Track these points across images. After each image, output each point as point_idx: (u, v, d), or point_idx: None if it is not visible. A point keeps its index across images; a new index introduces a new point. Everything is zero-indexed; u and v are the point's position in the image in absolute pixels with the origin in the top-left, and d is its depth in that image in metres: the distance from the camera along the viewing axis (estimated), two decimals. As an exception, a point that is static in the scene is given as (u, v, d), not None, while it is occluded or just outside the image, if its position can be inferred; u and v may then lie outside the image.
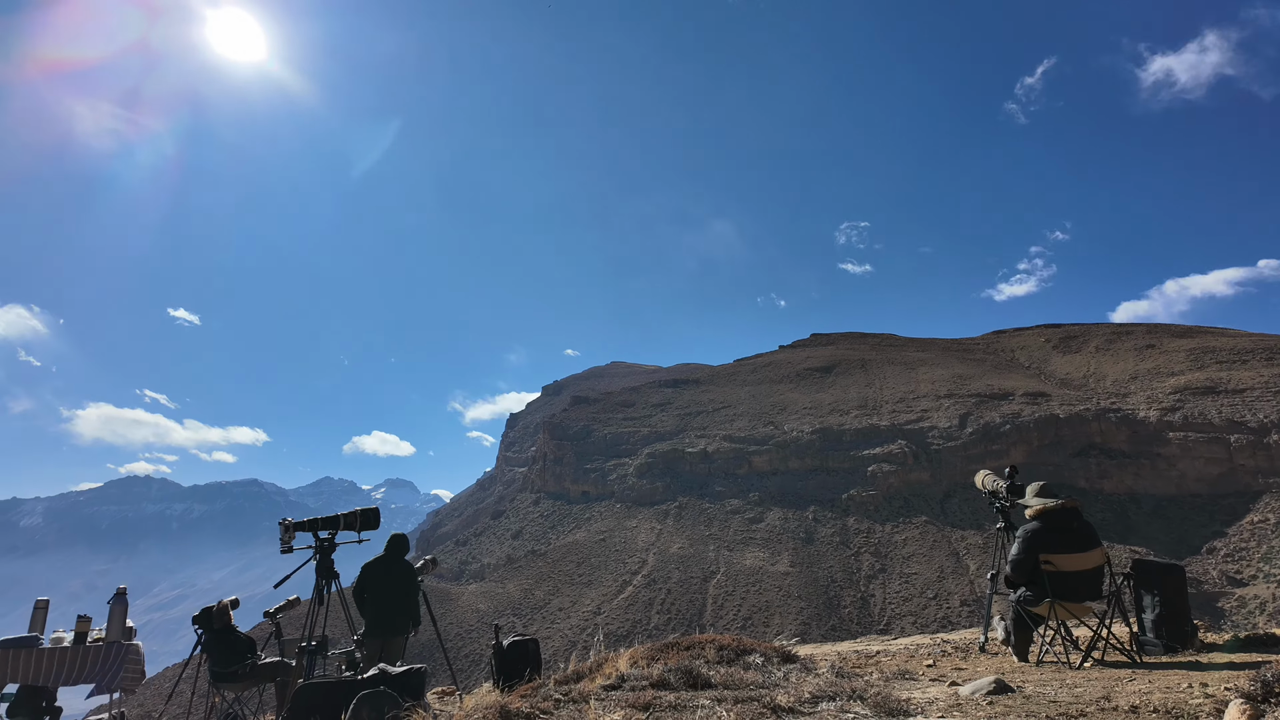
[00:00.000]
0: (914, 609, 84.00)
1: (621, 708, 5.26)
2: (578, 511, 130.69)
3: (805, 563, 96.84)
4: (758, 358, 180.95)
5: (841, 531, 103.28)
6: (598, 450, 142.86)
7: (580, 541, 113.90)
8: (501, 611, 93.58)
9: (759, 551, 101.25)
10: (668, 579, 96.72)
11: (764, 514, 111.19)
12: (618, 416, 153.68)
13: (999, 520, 10.14)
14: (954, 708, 5.73)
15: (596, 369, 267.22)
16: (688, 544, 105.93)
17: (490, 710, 5.14)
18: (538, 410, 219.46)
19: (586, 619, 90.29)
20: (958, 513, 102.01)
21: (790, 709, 5.37)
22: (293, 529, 8.41)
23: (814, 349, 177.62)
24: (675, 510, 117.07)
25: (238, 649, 10.44)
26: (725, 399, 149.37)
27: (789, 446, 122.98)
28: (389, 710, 5.75)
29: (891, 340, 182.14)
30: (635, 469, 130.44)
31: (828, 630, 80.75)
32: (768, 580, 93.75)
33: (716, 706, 5.28)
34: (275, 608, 11.58)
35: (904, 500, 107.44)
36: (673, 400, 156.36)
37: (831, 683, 6.25)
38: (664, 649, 8.20)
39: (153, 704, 53.20)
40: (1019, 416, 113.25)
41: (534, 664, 9.61)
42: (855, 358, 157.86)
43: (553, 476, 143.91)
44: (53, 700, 10.06)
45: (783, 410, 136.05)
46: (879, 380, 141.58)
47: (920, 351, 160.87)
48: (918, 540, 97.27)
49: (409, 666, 6.89)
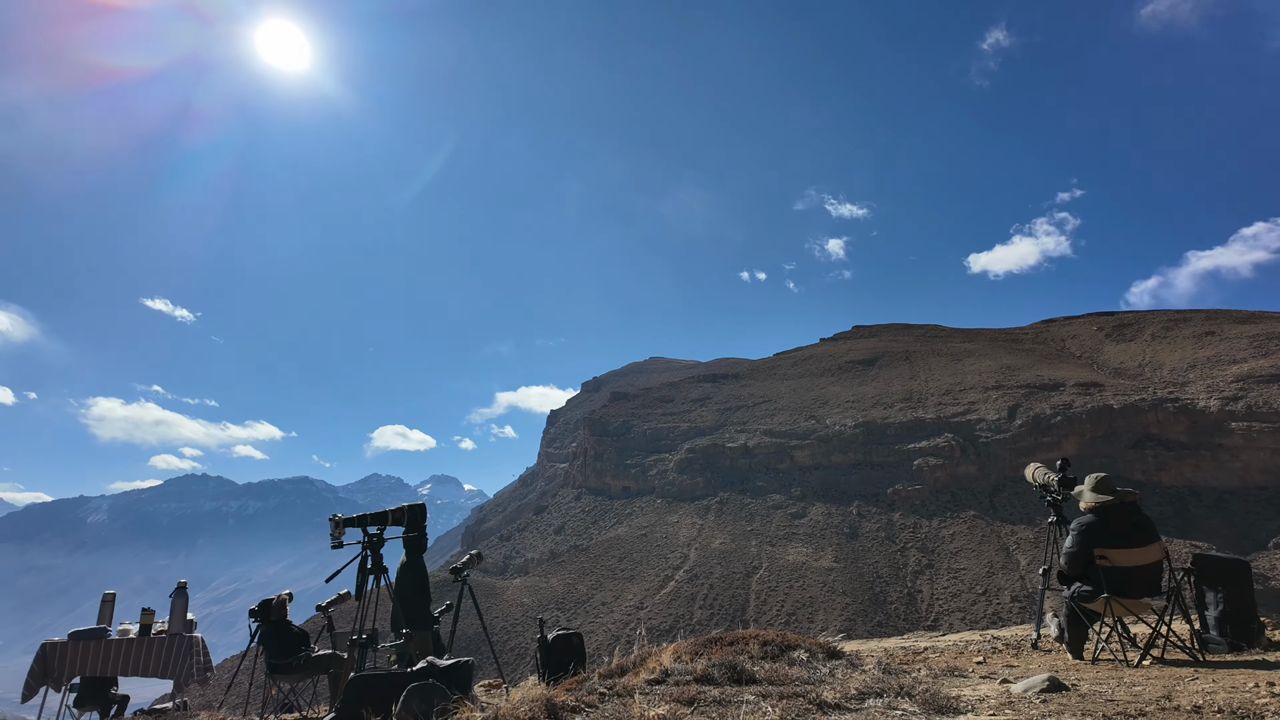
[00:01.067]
0: (963, 605, 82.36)
1: (666, 702, 5.28)
2: (619, 507, 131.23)
3: (850, 558, 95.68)
4: (798, 351, 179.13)
5: (887, 526, 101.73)
6: (638, 446, 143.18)
7: (622, 537, 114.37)
8: (545, 606, 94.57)
9: (802, 547, 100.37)
10: (710, 574, 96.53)
11: (807, 509, 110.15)
12: (657, 412, 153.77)
13: (1051, 514, 9.87)
14: (1006, 705, 5.60)
15: (635, 365, 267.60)
16: (729, 539, 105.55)
17: (536, 703, 5.20)
18: (577, 407, 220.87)
19: (629, 614, 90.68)
20: (1007, 507, 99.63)
21: (836, 705, 5.31)
22: (343, 525, 8.62)
23: (856, 341, 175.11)
24: (716, 505, 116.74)
25: (293, 641, 10.75)
26: (765, 393, 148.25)
27: (831, 441, 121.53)
28: (438, 702, 5.85)
29: (936, 331, 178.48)
30: (675, 464, 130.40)
31: (873, 626, 79.70)
32: (811, 576, 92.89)
33: (761, 702, 5.26)
34: (327, 602, 11.89)
35: (951, 494, 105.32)
36: (712, 395, 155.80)
37: (878, 679, 6.17)
38: (707, 644, 8.19)
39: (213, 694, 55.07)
40: (1070, 407, 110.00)
41: (578, 658, 9.69)
42: (899, 349, 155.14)
43: (593, 472, 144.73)
44: (116, 689, 10.52)
45: (824, 404, 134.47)
46: (924, 372, 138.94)
47: (966, 342, 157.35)
48: (966, 535, 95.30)
49: (456, 660, 7.01)
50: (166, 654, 8.62)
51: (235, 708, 14.39)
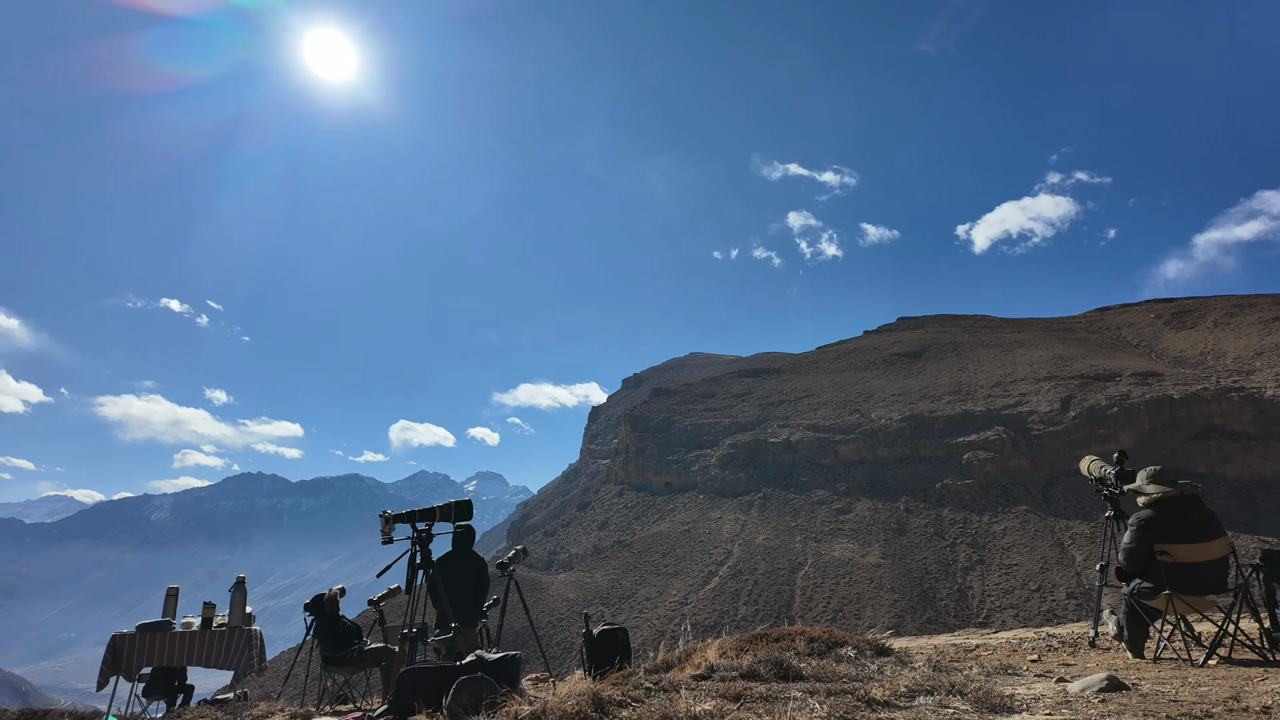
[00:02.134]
0: (1015, 602, 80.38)
1: (712, 698, 5.27)
2: (661, 503, 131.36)
3: (897, 554, 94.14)
4: (841, 344, 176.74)
5: (935, 522, 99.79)
6: (679, 442, 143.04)
7: (665, 532, 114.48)
8: (590, 600, 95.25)
9: (848, 543, 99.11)
10: (754, 570, 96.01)
11: (852, 504, 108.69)
12: (698, 408, 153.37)
13: (1107, 508, 9.55)
14: (1063, 704, 5.45)
15: (675, 360, 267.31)
16: (773, 535, 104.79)
17: (583, 697, 5.24)
18: (618, 403, 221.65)
19: (673, 609, 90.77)
20: (1061, 501, 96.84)
21: (885, 702, 5.24)
22: (392, 521, 8.79)
23: (901, 333, 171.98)
24: (759, 501, 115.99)
25: (346, 635, 11.04)
26: (808, 387, 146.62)
27: (877, 435, 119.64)
28: (487, 695, 5.95)
29: (985, 321, 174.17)
30: (717, 460, 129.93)
31: (923, 623, 78.32)
32: (858, 572, 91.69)
33: (809, 699, 5.22)
34: (378, 596, 12.18)
35: (1002, 489, 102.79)
36: (753, 390, 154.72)
37: (929, 676, 6.07)
38: (753, 640, 8.15)
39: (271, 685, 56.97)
40: (1128, 398, 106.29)
41: (624, 653, 9.74)
42: (946, 341, 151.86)
43: (635, 468, 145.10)
44: (184, 680, 10.96)
45: (869, 398, 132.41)
46: (972, 364, 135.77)
47: (1016, 332, 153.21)
48: (1018, 530, 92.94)
49: (504, 653, 7.11)
50: (227, 646, 8.93)
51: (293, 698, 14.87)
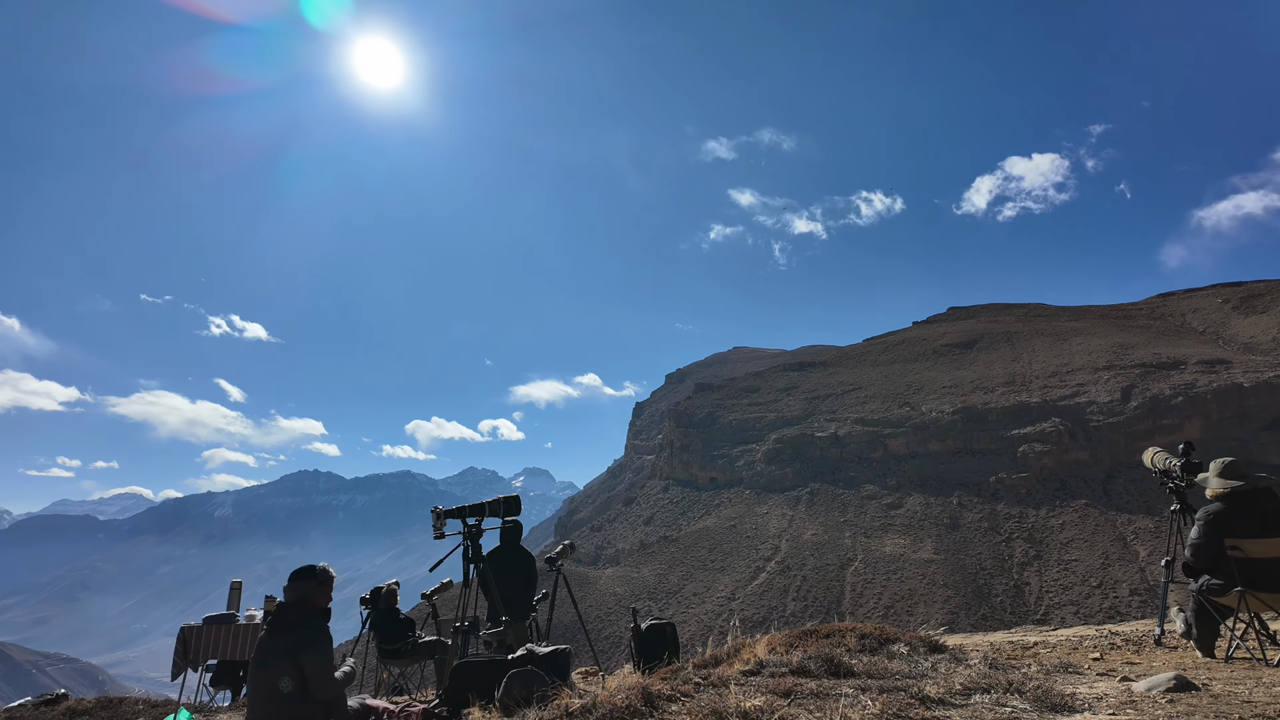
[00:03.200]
0: (1075, 598, 77.95)
1: (762, 694, 5.25)
2: (707, 498, 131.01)
3: (951, 549, 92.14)
4: (889, 335, 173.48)
5: (990, 516, 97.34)
6: (724, 437, 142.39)
7: (711, 528, 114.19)
8: (637, 595, 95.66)
9: (899, 538, 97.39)
10: (802, 566, 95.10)
11: (903, 499, 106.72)
12: (742, 402, 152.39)
13: (1173, 502, 9.17)
14: (1127, 704, 5.26)
15: (718, 355, 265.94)
16: (822, 530, 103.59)
17: (633, 691, 5.27)
18: (662, 398, 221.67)
19: (721, 604, 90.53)
20: (1123, 495, 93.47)
21: (940, 700, 5.14)
22: (443, 516, 8.98)
23: (952, 323, 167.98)
24: (807, 496, 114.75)
25: (400, 628, 11.32)
26: (855, 380, 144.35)
27: (928, 428, 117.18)
28: (537, 688, 6.04)
29: (1040, 310, 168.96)
30: (763, 455, 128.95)
31: (978, 620, 76.54)
32: (910, 568, 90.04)
33: (860, 695, 5.15)
34: (431, 590, 12.45)
35: (1060, 482, 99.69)
36: (799, 384, 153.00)
37: (985, 674, 5.93)
38: (802, 636, 8.08)
39: (331, 676, 58.74)
40: (1193, 387, 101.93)
41: (672, 647, 9.75)
42: (999, 330, 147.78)
43: (680, 463, 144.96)
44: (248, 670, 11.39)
45: (919, 390, 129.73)
46: (1027, 354, 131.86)
47: (1073, 320, 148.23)
48: (1077, 525, 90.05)
49: (555, 647, 7.20)
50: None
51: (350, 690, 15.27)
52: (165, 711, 8.81)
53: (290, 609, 6.06)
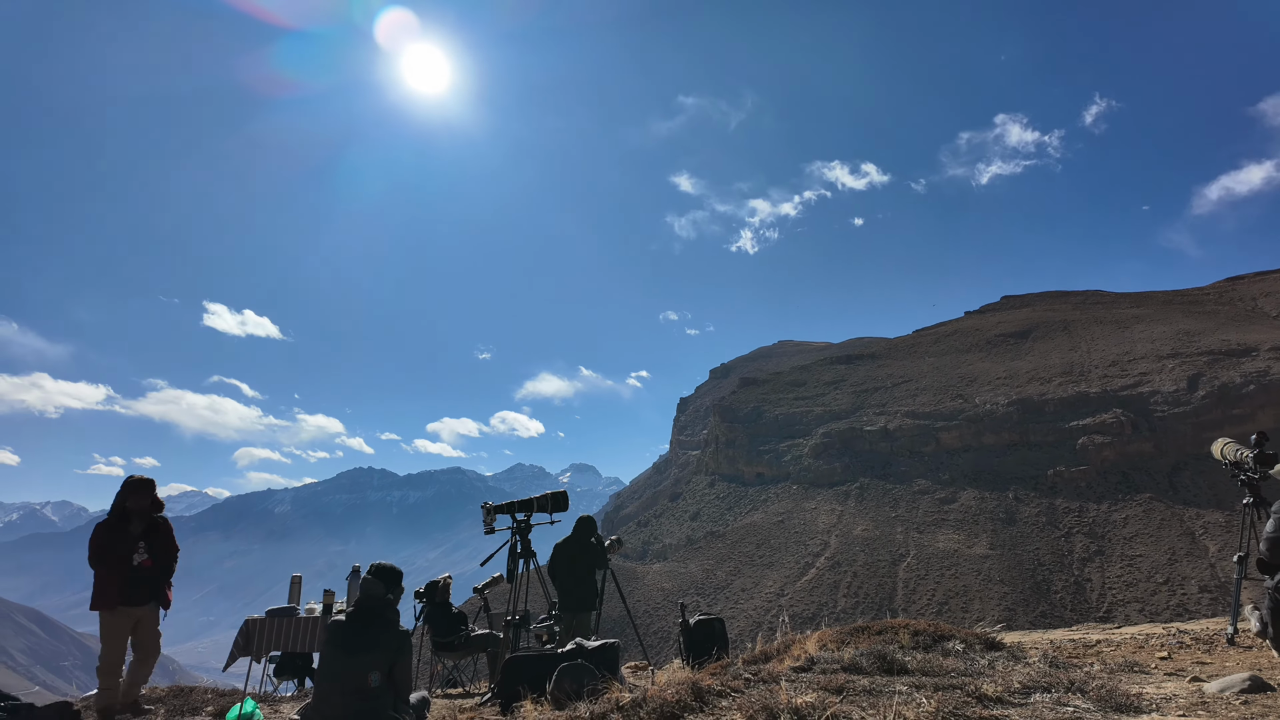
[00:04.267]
0: (1140, 595, 75.18)
1: (813, 690, 5.20)
2: (753, 493, 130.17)
3: (1007, 545, 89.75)
4: (940, 326, 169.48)
5: (1048, 511, 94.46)
6: (770, 431, 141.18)
7: (758, 523, 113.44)
8: (685, 590, 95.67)
9: (953, 534, 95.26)
10: (853, 562, 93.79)
11: (957, 494, 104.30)
12: (788, 396, 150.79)
13: (1245, 495, 8.76)
14: (1198, 705, 5.06)
15: (763, 349, 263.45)
16: (872, 526, 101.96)
17: (683, 686, 5.28)
18: (707, 394, 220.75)
19: (770, 600, 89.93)
20: (1190, 487, 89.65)
21: (998, 699, 5.02)
22: (493, 512, 9.14)
23: (1005, 313, 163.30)
24: (856, 491, 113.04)
25: (453, 621, 11.54)
26: (905, 372, 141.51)
27: (982, 421, 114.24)
28: (588, 682, 6.10)
29: (1098, 297, 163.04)
30: (810, 449, 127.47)
31: (1036, 617, 74.43)
32: (965, 563, 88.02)
33: (915, 693, 5.06)
34: (482, 584, 12.66)
35: (1122, 475, 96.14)
36: (846, 377, 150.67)
37: (1045, 673, 5.77)
38: (853, 633, 7.98)
39: (387, 668, 60.34)
40: (1267, 375, 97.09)
41: (721, 643, 9.75)
42: (1055, 319, 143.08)
43: (726, 459, 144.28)
44: (310, 663, 11.78)
45: (972, 382, 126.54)
46: (1085, 342, 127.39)
47: (1134, 307, 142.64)
48: (1141, 519, 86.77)
49: (603, 641, 7.27)
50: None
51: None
52: (232, 700, 9.17)
53: (386, 606, 6.22)
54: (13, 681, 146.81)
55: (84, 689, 12.97)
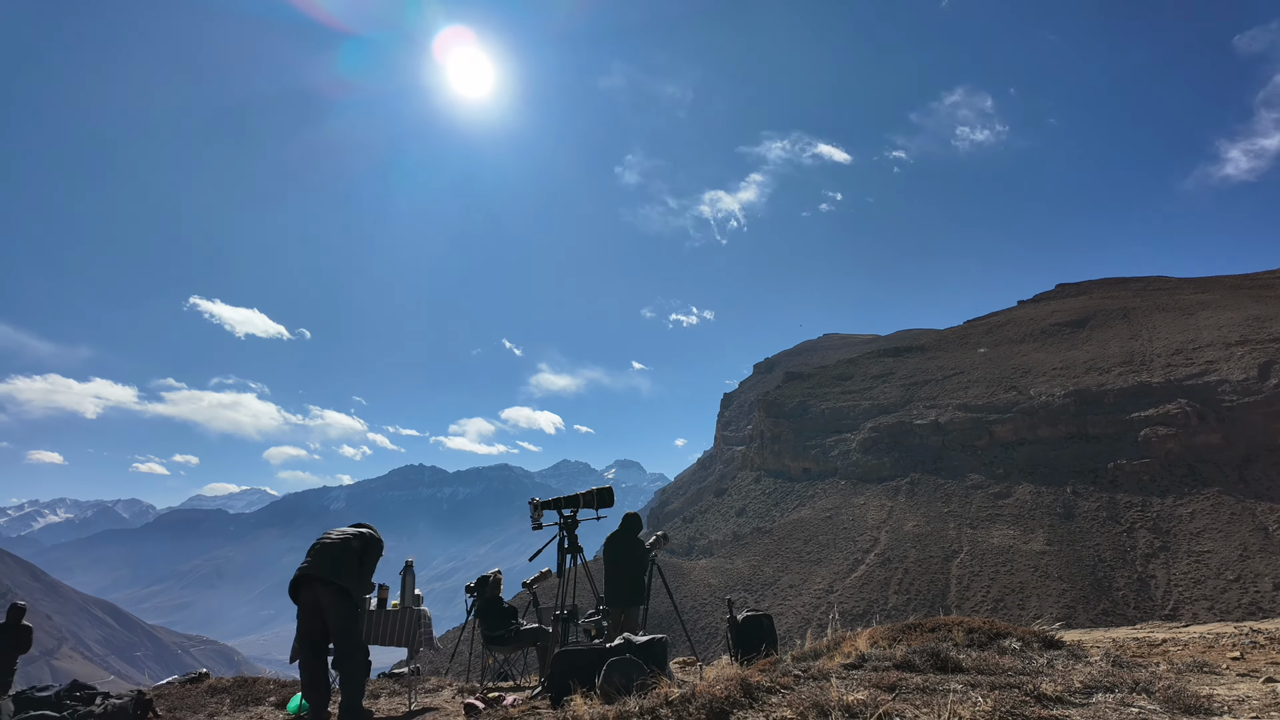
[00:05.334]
0: (1209, 593, 72.12)
1: (865, 688, 5.14)
2: (800, 489, 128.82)
3: (1065, 540, 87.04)
4: (992, 317, 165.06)
5: (1109, 505, 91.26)
6: (816, 426, 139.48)
7: (806, 519, 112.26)
8: (732, 586, 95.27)
9: (1008, 529, 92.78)
10: (904, 558, 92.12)
11: (1011, 488, 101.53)
12: (835, 390, 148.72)
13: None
14: (1272, 708, 4.83)
15: (808, 343, 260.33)
16: (924, 521, 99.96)
17: (732, 682, 5.27)
18: (751, 389, 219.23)
19: (818, 597, 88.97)
20: (1263, 481, 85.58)
21: (1058, 698, 4.87)
22: (540, 508, 9.26)
23: (1061, 301, 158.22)
24: (906, 486, 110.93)
25: (503, 616, 11.72)
26: (956, 364, 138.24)
27: (1037, 413, 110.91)
28: (636, 677, 6.13)
29: (1160, 283, 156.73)
30: (858, 444, 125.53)
31: (1097, 615, 72.05)
32: (1020, 560, 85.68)
33: (970, 691, 4.95)
34: (531, 579, 12.82)
35: (1188, 468, 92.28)
36: (895, 370, 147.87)
37: (1107, 672, 5.58)
38: (905, 630, 7.85)
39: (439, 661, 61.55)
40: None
41: (769, 639, 9.69)
42: (1114, 307, 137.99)
43: (771, 454, 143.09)
44: None
45: (1027, 373, 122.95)
46: (1147, 330, 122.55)
47: (1199, 293, 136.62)
48: (1209, 513, 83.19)
49: (651, 636, 7.29)
50: (399, 625, 9.71)
51: (459, 674, 15.96)
52: (292, 690, 9.49)
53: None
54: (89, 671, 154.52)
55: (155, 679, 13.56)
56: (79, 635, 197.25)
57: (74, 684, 7.22)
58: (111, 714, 6.60)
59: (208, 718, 8.04)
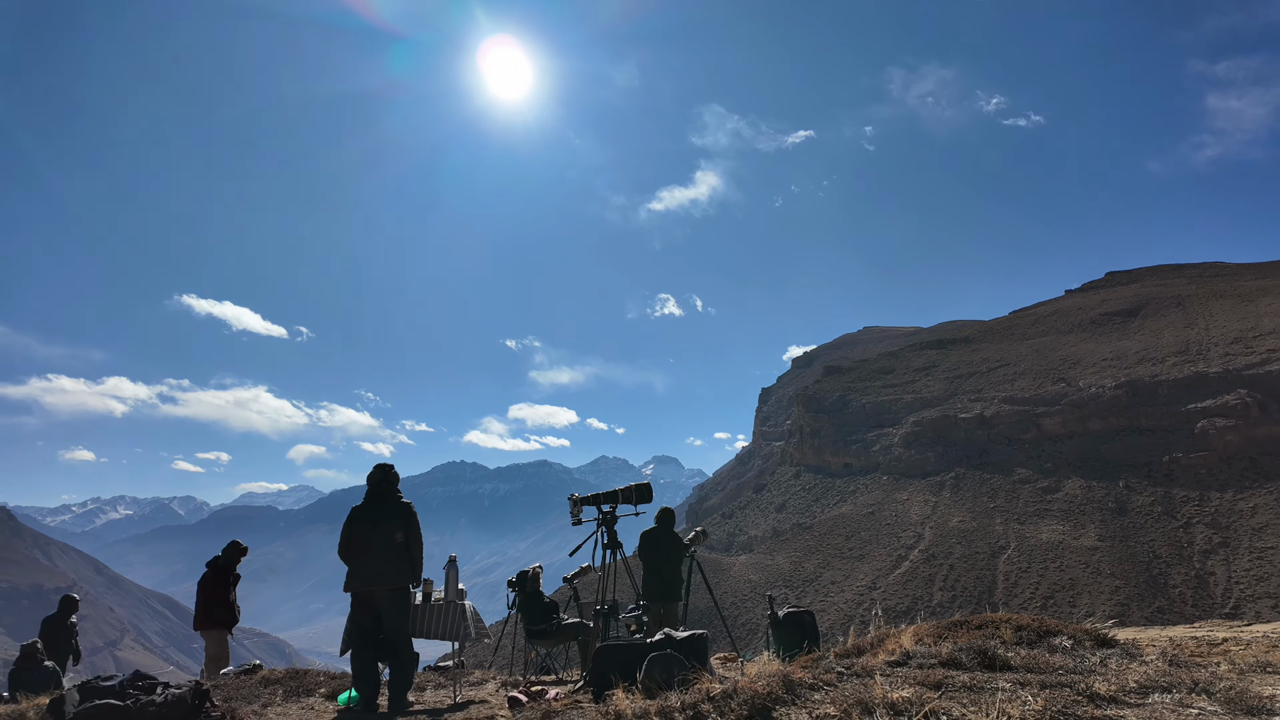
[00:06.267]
0: (1272, 590, 69.35)
1: (910, 685, 5.06)
2: (841, 484, 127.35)
3: (1118, 536, 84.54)
4: (1038, 307, 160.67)
5: (1163, 500, 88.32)
6: (857, 421, 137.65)
7: (847, 515, 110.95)
8: (773, 583, 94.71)
9: (1057, 524, 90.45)
10: (949, 554, 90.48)
11: (1060, 483, 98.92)
12: (876, 384, 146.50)
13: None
14: (1345, 712, 4.62)
15: (848, 336, 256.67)
16: (969, 517, 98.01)
17: (774, 678, 5.24)
18: (789, 383, 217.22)
19: (861, 593, 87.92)
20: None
21: (1112, 698, 4.74)
22: (580, 503, 9.34)
23: (1111, 289, 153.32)
24: (951, 481, 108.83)
25: (544, 610, 11.83)
26: (1002, 356, 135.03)
27: (1087, 405, 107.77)
28: (677, 672, 6.14)
29: (1217, 269, 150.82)
30: (901, 439, 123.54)
31: (1152, 613, 69.86)
32: (1071, 556, 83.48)
33: (1020, 690, 4.85)
34: (571, 574, 12.93)
35: (1249, 460, 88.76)
36: (938, 362, 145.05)
37: (1164, 672, 5.41)
38: (951, 627, 7.71)
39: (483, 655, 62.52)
40: None
41: (811, 636, 9.61)
42: (1168, 294, 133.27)
43: (811, 449, 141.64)
44: None
45: (1076, 364, 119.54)
46: (1203, 319, 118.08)
47: (1259, 279, 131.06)
48: (1273, 508, 79.94)
49: (692, 632, 7.29)
50: (444, 619, 9.89)
51: (502, 668, 16.18)
52: (342, 682, 9.73)
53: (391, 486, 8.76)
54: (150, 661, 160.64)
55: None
56: (140, 627, 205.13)
57: (136, 674, 7.50)
58: (171, 703, 6.84)
59: (262, 708, 8.29)
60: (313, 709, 8.37)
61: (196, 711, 6.99)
